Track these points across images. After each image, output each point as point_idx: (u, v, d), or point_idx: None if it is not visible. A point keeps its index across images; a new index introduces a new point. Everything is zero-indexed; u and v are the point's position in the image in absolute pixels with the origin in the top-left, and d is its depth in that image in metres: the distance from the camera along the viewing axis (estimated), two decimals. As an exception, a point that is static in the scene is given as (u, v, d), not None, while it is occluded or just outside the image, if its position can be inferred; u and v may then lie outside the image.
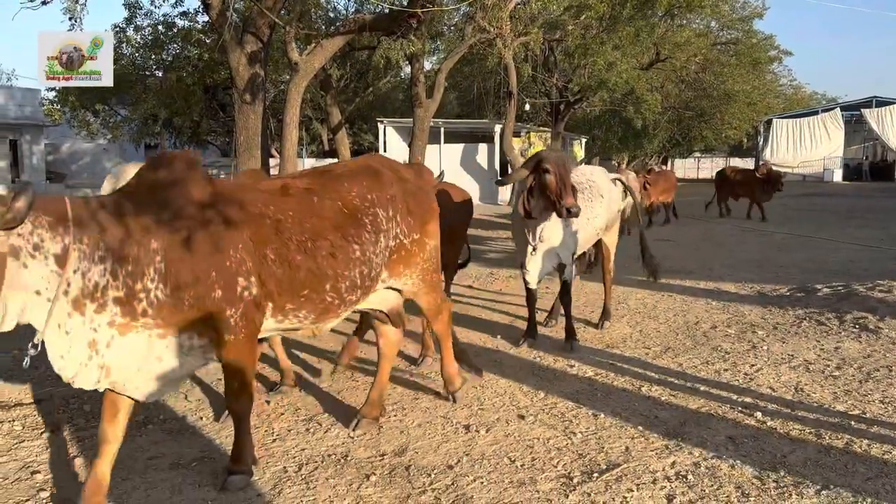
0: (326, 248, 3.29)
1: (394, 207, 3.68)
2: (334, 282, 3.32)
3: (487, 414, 4.10)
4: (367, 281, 3.52)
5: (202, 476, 3.32)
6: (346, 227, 3.40)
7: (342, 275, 3.35)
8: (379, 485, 3.21)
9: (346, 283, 3.38)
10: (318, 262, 3.25)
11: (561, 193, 4.72)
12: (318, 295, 3.29)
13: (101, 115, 24.14)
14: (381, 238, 3.57)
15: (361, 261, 3.44)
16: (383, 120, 25.45)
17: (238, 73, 10.35)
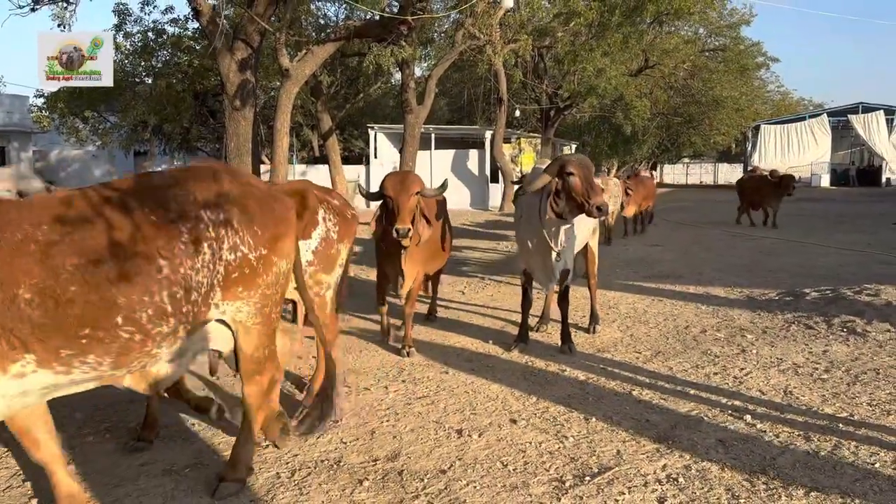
0: (117, 270, 2.60)
1: (230, 211, 2.95)
2: (129, 312, 2.62)
3: (480, 418, 4.12)
4: (183, 305, 2.78)
5: (195, 482, 3.31)
6: (151, 239, 2.72)
7: (141, 301, 2.65)
8: (372, 490, 3.22)
9: (150, 310, 2.67)
10: (102, 289, 2.57)
11: (588, 194, 4.78)
12: (108, 332, 2.59)
13: (90, 121, 24.04)
14: (207, 249, 2.84)
15: (172, 280, 2.73)
16: (374, 126, 25.49)
17: (228, 79, 10.36)
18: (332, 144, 20.22)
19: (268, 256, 3.06)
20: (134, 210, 2.76)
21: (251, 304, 3.06)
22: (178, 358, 3.01)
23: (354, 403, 4.42)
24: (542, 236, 5.19)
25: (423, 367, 5.22)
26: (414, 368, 5.18)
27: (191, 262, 2.80)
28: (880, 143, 35.89)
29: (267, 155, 18.74)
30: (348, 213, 4.48)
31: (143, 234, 2.72)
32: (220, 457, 3.61)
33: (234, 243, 2.94)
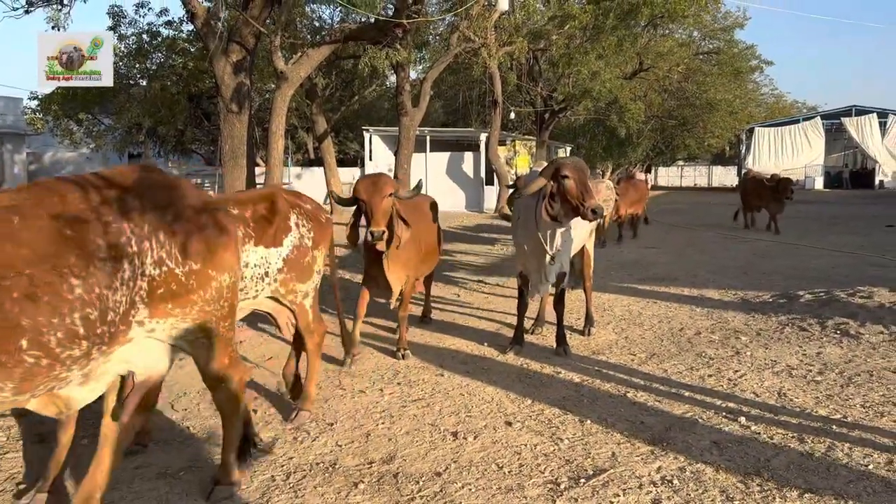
0: (21, 290, 2.31)
1: (156, 222, 2.69)
2: (35, 334, 2.34)
3: (475, 421, 4.12)
4: (98, 326, 2.50)
5: (189, 486, 3.31)
6: (61, 254, 2.41)
7: (49, 323, 2.37)
8: (367, 492, 3.22)
9: (59, 333, 2.39)
10: (3, 310, 2.27)
11: (583, 197, 4.80)
12: (11, 356, 2.31)
13: (84, 123, 23.98)
14: (127, 265, 2.57)
15: (86, 300, 2.44)
16: (369, 128, 25.49)
17: (223, 81, 10.33)
18: (328, 147, 20.21)
19: (202, 271, 2.82)
20: (45, 220, 2.43)
21: (189, 320, 2.83)
22: (94, 380, 2.71)
23: (350, 406, 4.42)
24: (538, 239, 5.20)
25: (418, 369, 5.22)
26: (409, 371, 5.18)
27: (109, 279, 2.50)
28: (873, 145, 36.08)
29: (262, 157, 18.73)
30: (322, 218, 4.28)
31: (55, 250, 2.41)
32: (215, 460, 3.60)
33: (159, 258, 2.67)
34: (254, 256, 3.76)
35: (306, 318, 4.21)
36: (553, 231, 5.11)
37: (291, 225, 4.03)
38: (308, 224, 4.15)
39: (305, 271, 4.11)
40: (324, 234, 4.27)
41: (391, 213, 5.01)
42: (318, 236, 4.20)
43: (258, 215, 3.86)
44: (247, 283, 3.74)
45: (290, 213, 4.03)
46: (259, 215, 3.86)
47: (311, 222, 4.17)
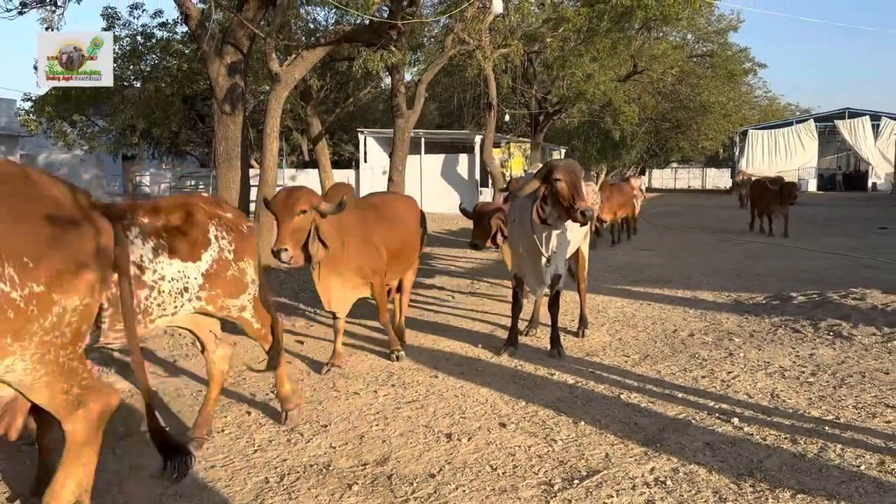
0: None
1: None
2: None
3: (469, 422, 4.12)
4: None
5: (182, 487, 3.30)
6: None
7: None
8: (361, 494, 3.22)
9: None
10: None
11: (574, 199, 4.80)
12: None
13: (78, 125, 23.89)
14: None
15: None
16: (364, 130, 25.48)
17: (217, 83, 10.33)
18: (322, 149, 20.17)
19: (45, 295, 2.37)
20: None
21: (26, 357, 2.39)
22: None
23: (344, 408, 4.42)
24: (533, 241, 5.21)
25: (412, 371, 5.23)
26: (403, 373, 5.18)
27: None
28: (866, 148, 36.25)
29: (256, 159, 18.70)
30: (244, 227, 3.87)
31: None
32: (208, 461, 3.60)
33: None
34: (170, 270, 3.37)
35: (252, 328, 3.96)
36: (548, 233, 5.12)
37: (210, 237, 3.60)
38: (229, 235, 3.71)
39: (234, 285, 3.71)
40: (247, 244, 3.84)
41: (309, 231, 4.63)
42: (240, 247, 3.76)
43: (172, 226, 3.47)
44: (164, 299, 3.36)
45: (209, 225, 3.63)
46: (173, 226, 3.48)
47: (231, 233, 3.73)
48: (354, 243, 5.09)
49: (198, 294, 3.54)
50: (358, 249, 5.12)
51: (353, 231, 5.09)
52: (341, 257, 4.99)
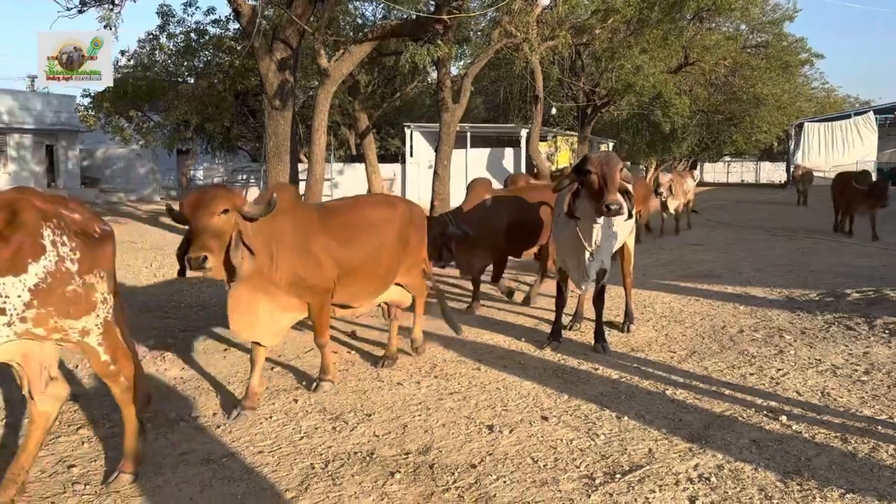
0: None
1: None
2: None
3: (511, 415, 4.14)
4: None
5: (231, 471, 3.41)
6: None
7: None
8: (403, 482, 3.27)
9: None
10: None
11: (602, 192, 4.74)
12: None
13: (134, 120, 24.63)
14: None
15: None
16: (410, 125, 25.62)
17: (268, 79, 10.53)
18: (369, 143, 20.37)
19: None
20: None
21: None
22: None
23: (387, 398, 4.48)
24: (576, 235, 5.18)
25: (455, 363, 5.26)
26: (446, 365, 5.22)
27: None
28: (930, 140, 34.80)
29: (305, 154, 18.99)
30: (95, 231, 3.21)
31: None
32: (256, 447, 3.70)
33: None
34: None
35: (98, 360, 3.24)
36: (591, 226, 5.08)
37: (44, 244, 2.95)
38: (72, 241, 3.05)
39: (74, 304, 3.05)
40: (98, 253, 3.19)
41: (230, 237, 3.82)
42: (88, 256, 3.11)
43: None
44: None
45: (43, 228, 2.96)
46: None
47: (76, 239, 3.08)
48: (287, 254, 4.20)
49: (21, 315, 2.88)
50: (291, 261, 4.22)
51: (287, 239, 4.22)
52: (270, 271, 4.12)
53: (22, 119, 25.01)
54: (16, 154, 25.36)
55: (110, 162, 30.30)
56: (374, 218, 4.91)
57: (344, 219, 4.73)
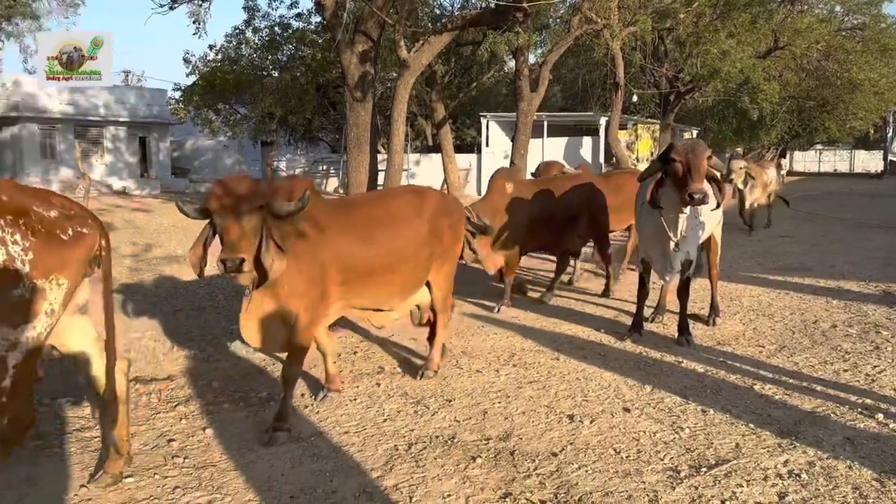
0: None
1: None
2: None
3: (592, 405, 4.12)
4: None
5: (319, 449, 3.54)
6: None
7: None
8: (485, 467, 3.32)
9: None
10: None
11: (685, 180, 4.63)
12: None
13: (221, 113, 25.59)
14: None
15: None
16: (486, 115, 25.56)
17: (349, 71, 10.73)
18: (445, 133, 20.48)
19: None
20: None
21: None
22: None
23: (467, 384, 4.53)
24: (661, 225, 5.07)
25: (533, 352, 5.26)
26: (524, 354, 5.23)
27: None
28: None
29: (383, 145, 19.29)
30: (63, 232, 2.84)
31: None
32: (342, 427, 3.83)
33: None
34: None
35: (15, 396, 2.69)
36: (676, 216, 4.97)
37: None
38: (26, 240, 2.70)
39: (13, 310, 2.66)
40: (60, 257, 2.81)
41: (261, 236, 3.50)
42: (44, 259, 2.74)
43: None
44: None
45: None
46: None
47: (33, 237, 2.72)
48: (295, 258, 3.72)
49: None
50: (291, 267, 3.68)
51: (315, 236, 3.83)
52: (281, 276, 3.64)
53: (117, 112, 26.38)
54: (112, 146, 26.79)
55: (199, 153, 31.61)
56: (400, 211, 4.34)
57: (363, 214, 4.20)
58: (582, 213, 7.03)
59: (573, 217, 6.95)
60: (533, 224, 6.64)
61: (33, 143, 24.55)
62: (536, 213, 6.66)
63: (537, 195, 6.80)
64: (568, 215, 6.91)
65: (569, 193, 6.95)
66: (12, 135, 24.39)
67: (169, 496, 3.07)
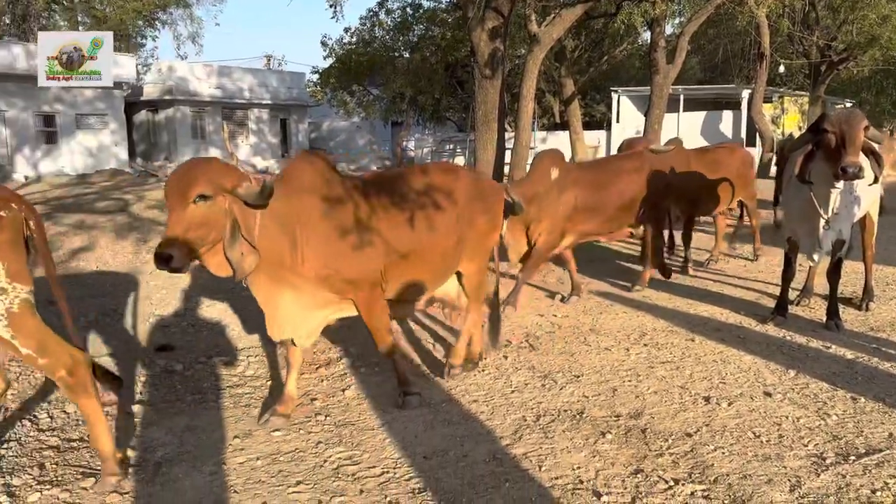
0: None
1: None
2: None
3: (729, 388, 3.96)
4: None
5: (450, 416, 3.64)
6: None
7: None
8: (615, 443, 3.29)
9: None
10: None
11: (840, 153, 4.31)
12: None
13: (356, 94, 26.52)
14: None
15: None
16: (617, 89, 24.82)
17: (479, 49, 10.78)
18: (574, 110, 20.12)
19: None
20: None
21: None
22: None
23: (595, 361, 4.49)
24: (811, 201, 4.75)
25: (666, 332, 5.12)
26: (656, 334, 5.10)
27: None
28: None
29: (509, 122, 19.25)
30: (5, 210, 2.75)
31: None
32: (471, 396, 3.92)
33: None
34: None
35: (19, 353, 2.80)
36: (828, 192, 4.63)
37: None
38: None
39: None
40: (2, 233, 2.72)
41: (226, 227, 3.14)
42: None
43: None
44: None
45: None
46: None
47: None
48: (315, 241, 3.42)
49: None
50: (324, 249, 3.44)
51: (314, 222, 3.43)
52: (294, 261, 3.38)
53: (260, 95, 27.98)
54: (255, 127, 28.48)
55: (334, 134, 32.92)
56: (428, 191, 3.90)
57: (388, 193, 3.78)
58: (635, 200, 6.17)
59: (624, 205, 6.16)
60: (577, 212, 5.91)
61: (185, 125, 26.56)
62: (581, 201, 5.91)
63: (584, 180, 6.01)
64: (618, 203, 6.12)
65: (623, 178, 6.16)
66: (167, 117, 26.51)
67: (313, 450, 3.29)
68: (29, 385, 4.08)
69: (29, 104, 22.46)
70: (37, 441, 3.39)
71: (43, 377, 4.08)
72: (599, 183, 6.10)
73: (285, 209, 3.32)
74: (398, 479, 2.99)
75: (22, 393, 3.97)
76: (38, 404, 3.83)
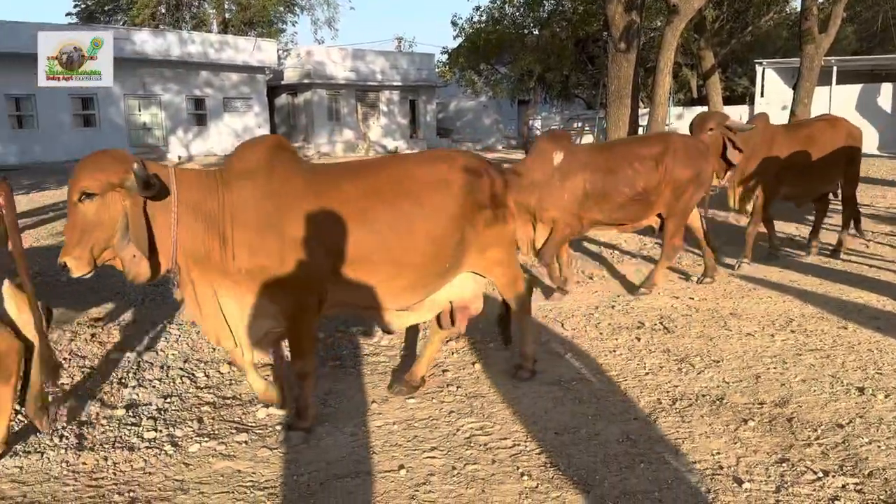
0: None
1: None
2: None
3: (887, 379, 3.66)
4: None
5: (580, 394, 3.61)
6: None
7: None
8: (758, 430, 3.14)
9: None
10: None
11: None
12: None
13: (483, 73, 26.55)
14: None
15: None
16: (762, 62, 23.27)
17: (614, 21, 10.46)
18: (713, 84, 19.07)
19: None
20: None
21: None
22: None
23: (737, 347, 4.29)
24: None
25: (815, 319, 4.79)
26: (804, 320, 4.79)
27: None
28: None
29: (641, 98, 18.58)
30: None
31: None
32: (602, 376, 3.86)
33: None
34: None
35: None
36: None
37: None
38: None
39: None
40: None
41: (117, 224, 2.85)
42: None
43: None
44: None
45: None
46: None
47: None
48: (244, 234, 2.97)
49: None
50: (249, 243, 2.97)
51: (247, 214, 2.98)
52: (224, 258, 2.96)
53: (391, 77, 28.63)
54: (386, 109, 29.22)
55: (461, 114, 33.19)
56: (413, 181, 3.27)
57: (358, 184, 3.21)
58: (659, 188, 5.34)
59: (644, 193, 5.31)
60: (588, 197, 5.24)
61: (322, 107, 27.69)
62: (590, 188, 5.22)
63: (593, 165, 5.25)
64: (636, 191, 5.30)
65: (644, 164, 5.29)
66: (305, 100, 27.74)
67: (446, 418, 3.37)
68: (188, 346, 4.45)
69: (182, 88, 24.26)
70: (195, 397, 3.70)
71: (201, 342, 4.44)
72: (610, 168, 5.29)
73: (212, 200, 2.95)
74: (529, 453, 3.00)
75: (181, 353, 4.34)
76: (195, 364, 4.17)
